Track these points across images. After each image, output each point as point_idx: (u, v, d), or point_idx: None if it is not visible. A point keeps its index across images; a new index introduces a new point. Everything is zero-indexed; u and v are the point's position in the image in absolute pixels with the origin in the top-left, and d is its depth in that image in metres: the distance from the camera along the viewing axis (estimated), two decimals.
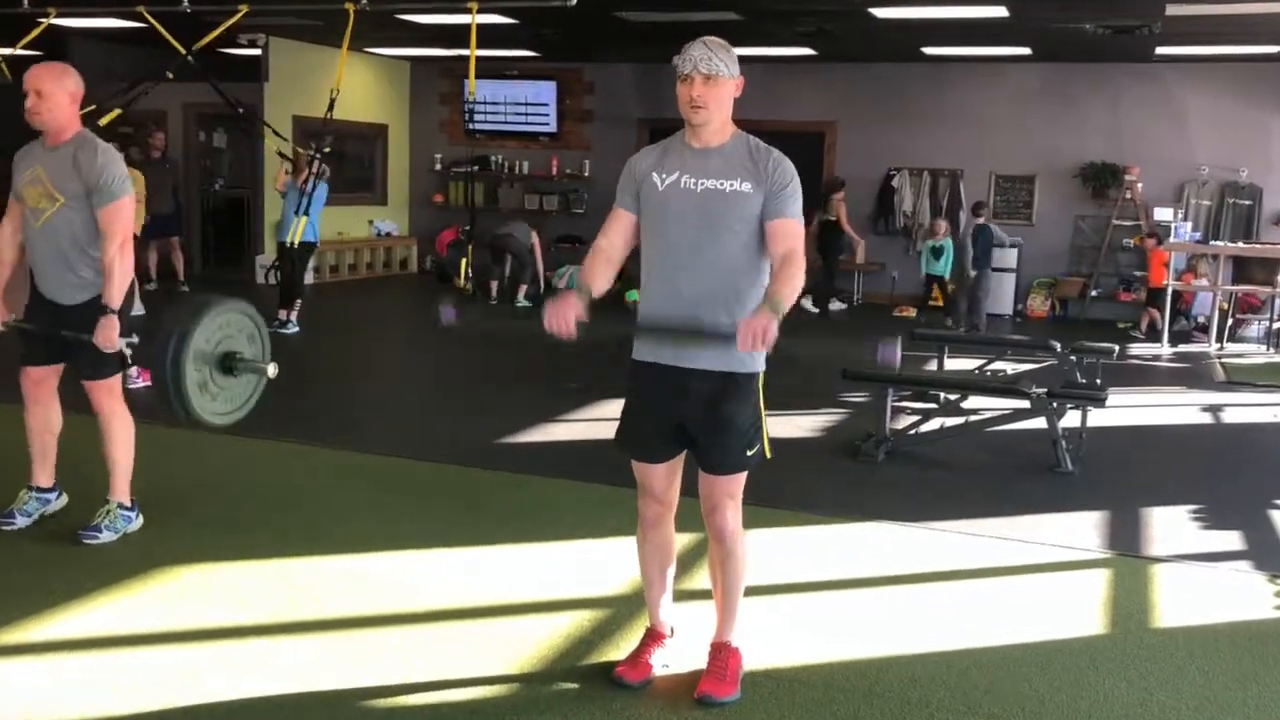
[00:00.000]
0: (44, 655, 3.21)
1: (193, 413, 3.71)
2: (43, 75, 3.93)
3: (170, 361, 3.59)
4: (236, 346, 3.84)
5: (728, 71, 2.88)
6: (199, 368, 3.69)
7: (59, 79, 3.95)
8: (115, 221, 3.93)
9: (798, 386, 7.62)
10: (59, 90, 3.94)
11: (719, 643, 3.15)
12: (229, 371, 3.81)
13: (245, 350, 3.87)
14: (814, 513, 4.85)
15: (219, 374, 3.79)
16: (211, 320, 3.74)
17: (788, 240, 2.86)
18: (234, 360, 3.81)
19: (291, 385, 7.46)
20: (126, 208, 3.95)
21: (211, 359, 3.75)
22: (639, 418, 3.03)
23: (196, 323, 3.68)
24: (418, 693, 3.06)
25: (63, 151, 3.95)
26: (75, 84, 4.00)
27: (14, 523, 4.22)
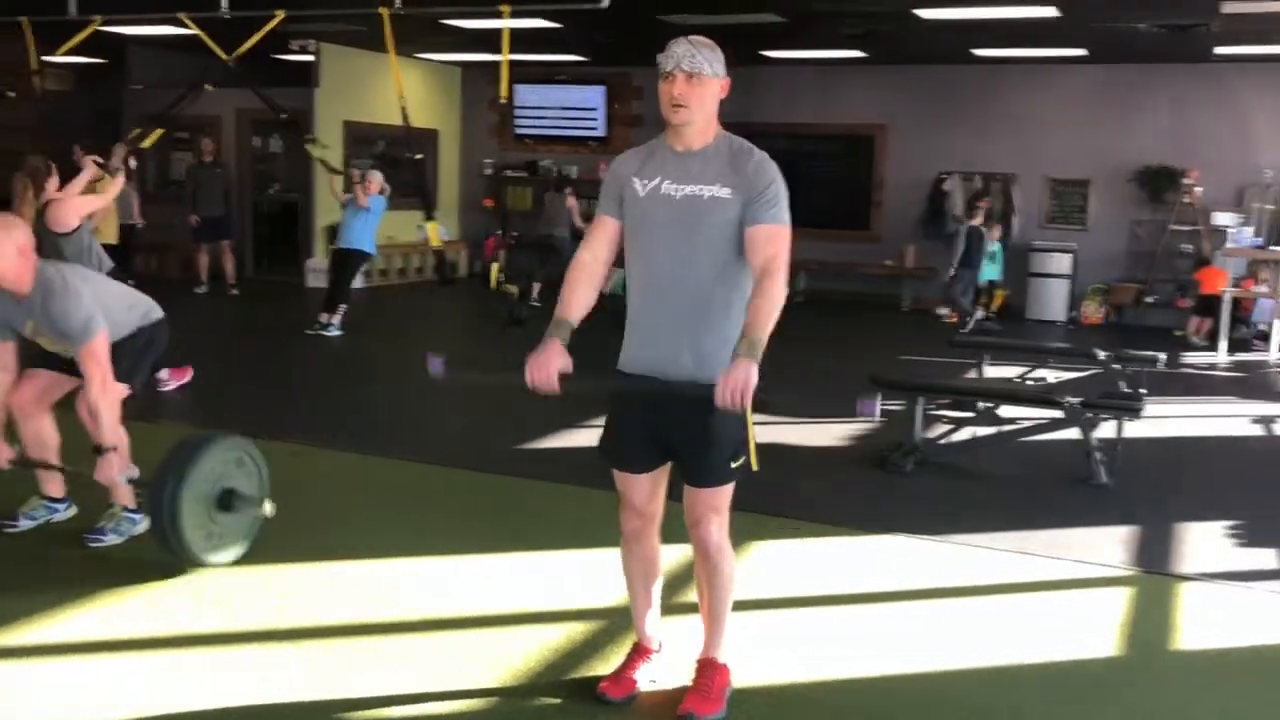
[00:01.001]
0: (38, 657, 3.22)
1: (196, 560, 3.77)
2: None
3: (169, 514, 3.65)
4: (233, 483, 3.88)
5: (711, 70, 2.79)
6: (198, 513, 3.74)
7: (7, 231, 3.80)
8: (90, 363, 3.87)
9: (828, 394, 7.50)
10: (7, 243, 3.79)
11: (705, 659, 3.06)
12: (228, 509, 3.85)
13: (243, 487, 3.91)
14: (832, 524, 4.74)
15: (218, 513, 3.84)
16: (206, 463, 3.78)
17: (765, 249, 2.75)
18: (232, 498, 3.85)
19: (319, 388, 7.56)
20: (99, 345, 3.89)
21: (209, 498, 3.79)
22: (621, 428, 2.96)
23: (192, 464, 3.73)
24: (395, 705, 3.01)
25: (34, 301, 3.88)
26: (21, 236, 3.86)
27: (16, 525, 4.27)
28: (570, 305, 2.89)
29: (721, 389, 2.58)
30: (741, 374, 2.58)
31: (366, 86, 13.54)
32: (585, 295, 2.92)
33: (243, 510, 3.92)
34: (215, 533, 3.85)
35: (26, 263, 3.86)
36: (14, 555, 4.05)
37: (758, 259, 2.76)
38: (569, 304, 2.89)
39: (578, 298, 2.91)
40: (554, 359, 2.77)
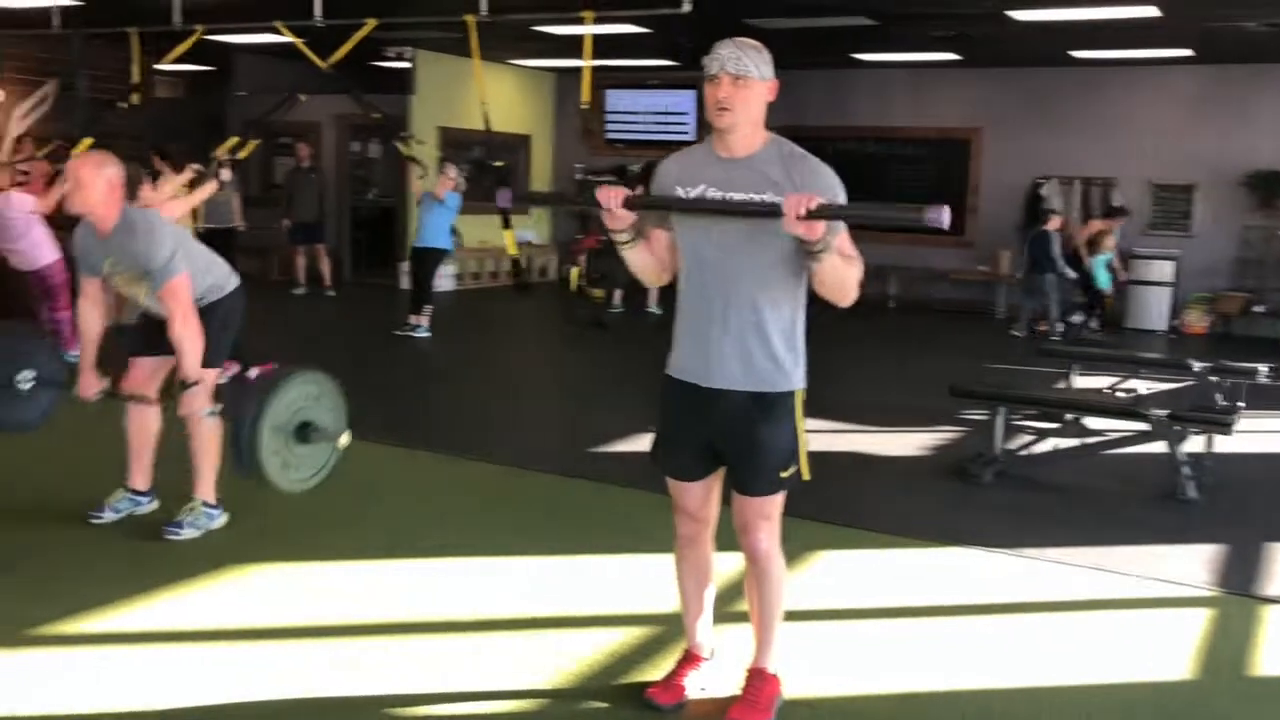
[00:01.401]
0: (102, 645, 3.33)
1: (269, 480, 3.85)
2: (81, 164, 4.00)
3: (249, 438, 3.73)
4: (313, 416, 3.96)
5: (758, 73, 2.74)
6: (276, 439, 3.82)
7: (97, 168, 3.98)
8: (172, 300, 4.01)
9: (907, 402, 7.39)
10: (96, 180, 3.96)
11: (755, 668, 3.03)
12: (305, 441, 3.93)
13: (322, 419, 3.99)
14: (901, 535, 4.66)
15: (295, 443, 3.91)
16: (287, 391, 3.86)
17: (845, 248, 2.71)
18: (310, 430, 3.93)
19: (403, 389, 7.69)
20: (179, 284, 4.02)
21: (288, 430, 3.87)
22: (671, 435, 2.94)
23: (274, 395, 3.81)
24: (444, 703, 3.05)
25: (113, 240, 4.04)
26: (112, 171, 4.03)
27: (101, 517, 4.41)
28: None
29: (787, 201, 2.51)
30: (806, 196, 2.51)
31: (462, 92, 13.73)
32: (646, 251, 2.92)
33: (319, 442, 3.97)
34: (291, 462, 3.90)
35: (114, 199, 4.01)
36: (94, 545, 4.19)
37: None
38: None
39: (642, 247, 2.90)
40: (623, 190, 2.77)
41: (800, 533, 4.56)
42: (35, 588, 3.74)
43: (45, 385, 4.40)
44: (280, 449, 3.84)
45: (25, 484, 4.98)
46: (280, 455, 3.84)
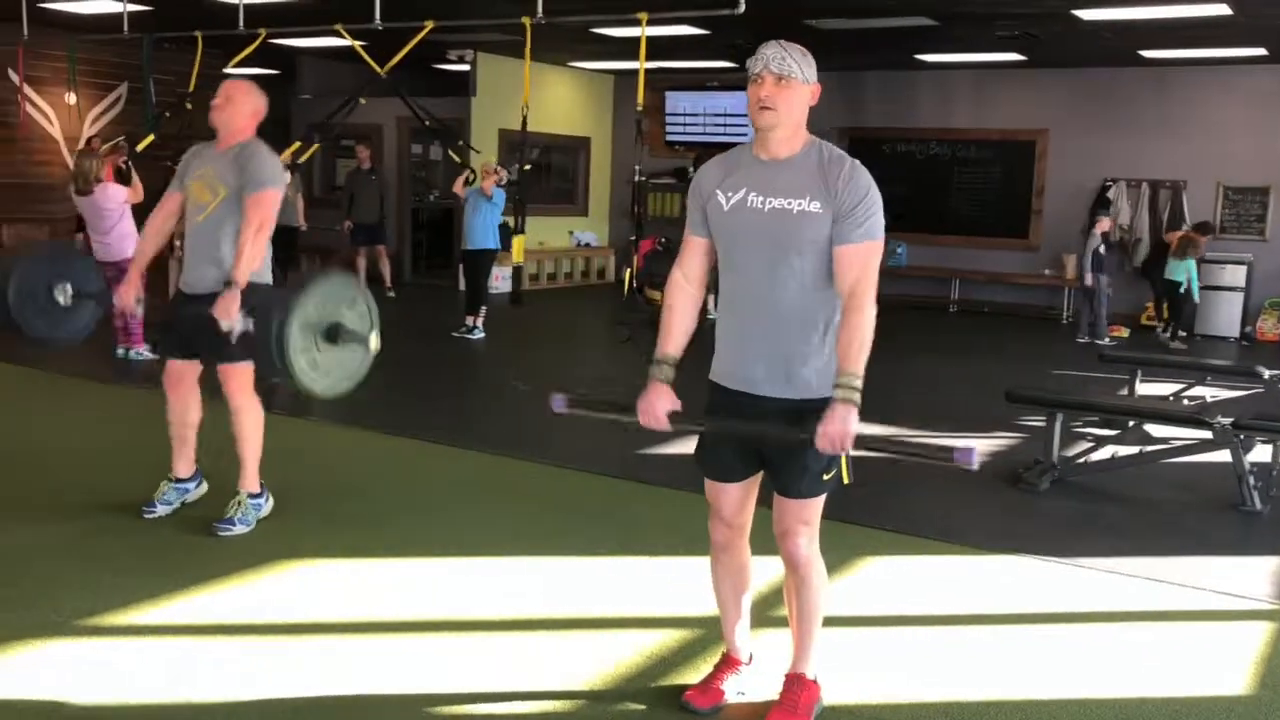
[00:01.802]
0: (144, 638, 3.39)
1: (297, 380, 3.80)
2: (237, 85, 4.27)
3: (276, 330, 3.70)
4: (344, 318, 3.93)
5: (802, 75, 2.71)
6: (305, 337, 3.79)
7: (249, 93, 4.29)
8: (256, 207, 4.13)
9: (965, 408, 7.28)
10: (246, 101, 4.24)
11: (793, 674, 2.99)
12: (334, 342, 3.90)
13: (351, 323, 3.96)
14: (951, 542, 4.58)
15: (325, 344, 3.88)
16: (318, 292, 3.83)
17: (851, 272, 2.66)
18: (339, 331, 3.90)
19: (452, 389, 7.74)
20: (270, 199, 4.15)
21: (317, 329, 3.84)
22: (714, 437, 2.91)
23: (304, 294, 3.78)
24: (483, 701, 3.05)
25: (228, 154, 4.21)
26: (260, 103, 4.31)
27: (154, 511, 4.49)
28: (669, 338, 2.88)
29: (821, 439, 2.57)
30: (841, 422, 2.57)
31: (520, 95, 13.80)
32: (683, 323, 2.90)
33: (349, 345, 3.94)
34: (319, 363, 3.89)
35: (249, 126, 4.26)
36: (150, 542, 4.26)
37: (844, 283, 2.67)
38: (668, 337, 2.88)
39: (676, 327, 2.89)
40: (660, 402, 2.82)
41: (850, 538, 4.54)
42: (84, 580, 3.81)
43: (83, 298, 4.45)
44: (309, 348, 3.80)
45: (81, 477, 5.08)
46: (309, 354, 3.80)
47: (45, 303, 4.36)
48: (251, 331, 4.05)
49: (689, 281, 2.91)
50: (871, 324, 2.66)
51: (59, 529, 4.32)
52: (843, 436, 2.57)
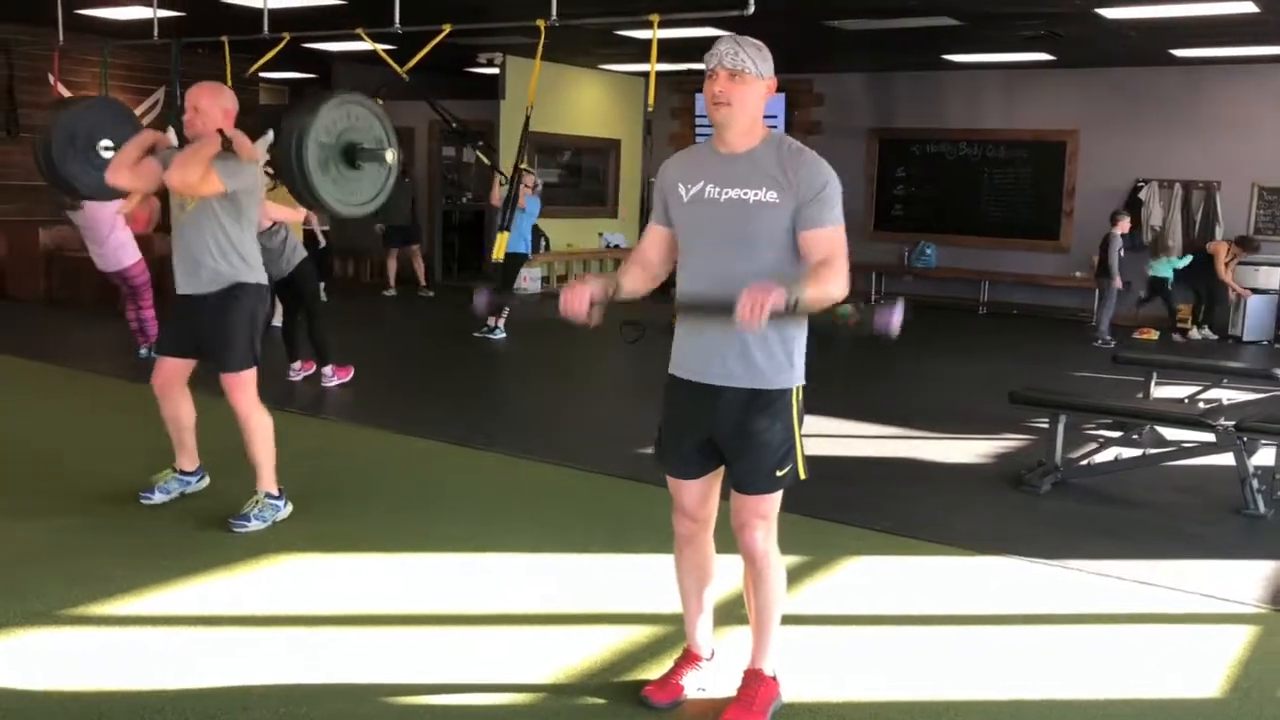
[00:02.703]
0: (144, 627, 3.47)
1: (321, 200, 3.83)
2: (201, 91, 4.22)
3: (295, 156, 3.72)
4: (358, 138, 3.94)
5: (755, 70, 2.74)
6: (322, 156, 3.81)
7: (215, 95, 4.23)
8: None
9: (977, 409, 7.24)
10: (214, 106, 4.20)
11: (751, 670, 3.01)
12: (353, 163, 3.92)
13: (367, 141, 3.96)
14: (945, 543, 4.56)
15: (344, 166, 3.89)
16: (330, 112, 3.84)
17: (824, 250, 2.68)
18: (356, 150, 3.91)
19: (469, 389, 7.81)
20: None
21: (335, 150, 3.86)
22: (672, 432, 2.94)
23: (315, 114, 3.80)
24: (445, 693, 3.10)
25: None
26: (229, 101, 4.26)
27: (151, 498, 4.58)
28: (623, 273, 2.93)
29: (742, 302, 2.49)
30: (765, 289, 2.49)
31: (551, 97, 13.91)
32: (638, 276, 2.93)
33: (367, 162, 3.95)
34: (344, 183, 3.92)
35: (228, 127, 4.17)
36: (168, 536, 4.33)
37: (814, 261, 2.69)
38: (622, 272, 2.94)
39: (630, 274, 2.93)
40: (590, 289, 2.79)
41: (839, 537, 4.55)
42: (85, 568, 3.90)
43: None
44: (332, 173, 3.83)
45: (82, 466, 5.20)
46: (332, 177, 3.83)
47: (86, 151, 4.43)
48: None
49: (644, 266, 2.95)
50: (836, 287, 2.63)
51: (63, 520, 4.42)
52: (762, 299, 2.48)
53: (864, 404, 7.43)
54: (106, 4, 10.47)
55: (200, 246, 4.25)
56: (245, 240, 4.27)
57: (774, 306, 2.49)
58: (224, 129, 4.10)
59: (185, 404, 4.56)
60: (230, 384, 4.39)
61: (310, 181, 3.71)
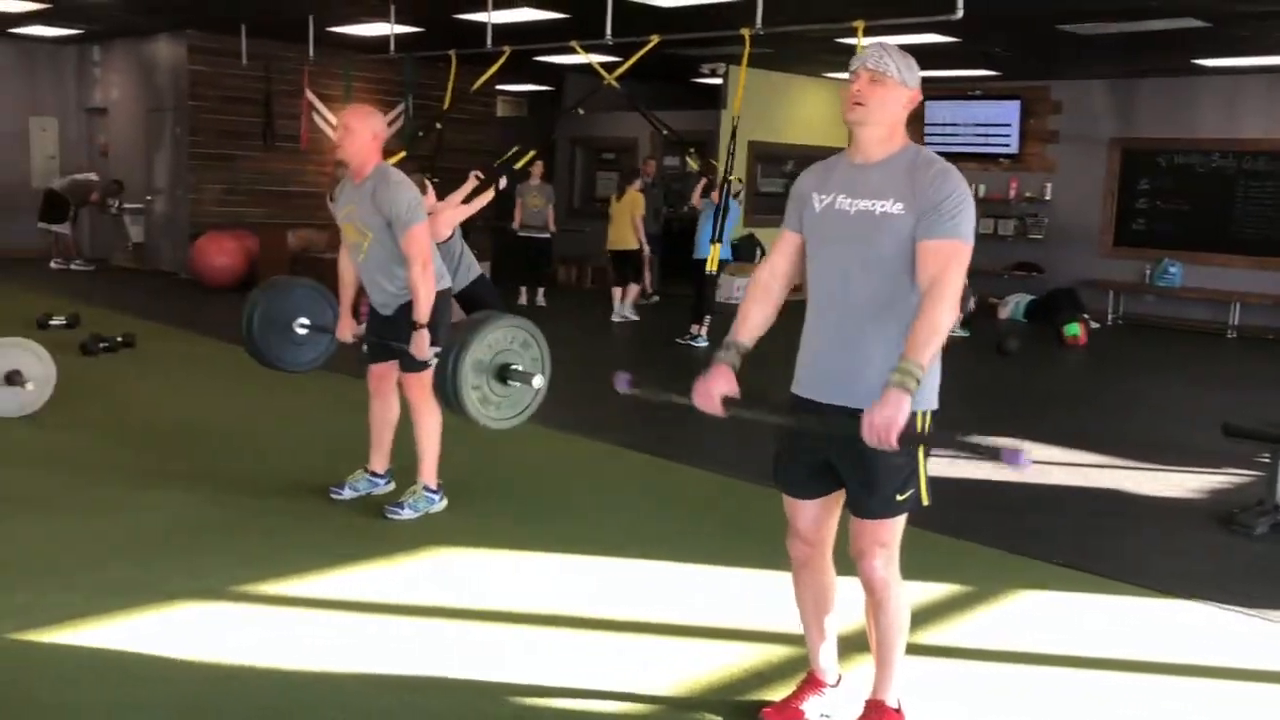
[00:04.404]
0: (299, 608, 3.67)
1: (469, 415, 4.05)
2: (353, 113, 4.39)
3: (451, 370, 3.97)
4: (514, 359, 4.15)
5: (898, 75, 2.62)
6: (476, 375, 4.03)
7: (366, 118, 4.37)
8: (413, 247, 4.35)
9: (1199, 441, 6.69)
10: (364, 128, 4.35)
11: (873, 700, 2.88)
12: (504, 381, 4.12)
13: (522, 363, 4.17)
14: (1132, 582, 4.22)
15: (495, 383, 4.11)
16: (490, 334, 4.07)
17: (932, 265, 2.53)
18: (509, 371, 4.12)
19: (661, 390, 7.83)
20: (418, 234, 4.35)
21: (489, 368, 4.08)
22: (789, 451, 2.85)
23: (475, 336, 4.03)
24: (564, 697, 3.11)
25: (364, 187, 4.40)
26: (379, 125, 4.42)
27: (341, 494, 4.84)
28: (742, 325, 2.85)
29: (867, 425, 2.44)
30: (888, 409, 2.42)
31: (773, 107, 13.87)
32: (759, 314, 2.85)
33: (517, 383, 4.14)
34: (490, 399, 4.11)
35: (374, 150, 4.39)
36: (330, 520, 4.60)
37: (924, 276, 2.55)
38: (741, 324, 2.85)
39: (751, 317, 2.85)
40: (717, 384, 2.77)
41: (1011, 568, 4.32)
42: (259, 550, 4.17)
43: (317, 331, 4.91)
44: (480, 385, 4.04)
45: (282, 460, 5.54)
46: (480, 390, 4.04)
47: (285, 332, 4.86)
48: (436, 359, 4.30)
49: (773, 277, 2.86)
50: (946, 321, 2.51)
51: (251, 503, 4.74)
52: (887, 426, 2.41)
53: (1070, 429, 7.01)
54: (353, 21, 11.18)
55: (387, 277, 4.51)
56: None
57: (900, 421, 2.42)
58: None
59: (394, 401, 4.81)
60: (408, 381, 4.62)
61: (459, 387, 3.97)
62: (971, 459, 2.60)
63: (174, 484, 4.97)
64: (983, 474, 5.55)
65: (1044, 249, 13.56)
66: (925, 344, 2.49)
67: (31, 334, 6.84)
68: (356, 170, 4.43)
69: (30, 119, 14.99)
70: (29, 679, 3.05)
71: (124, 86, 14.33)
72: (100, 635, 3.35)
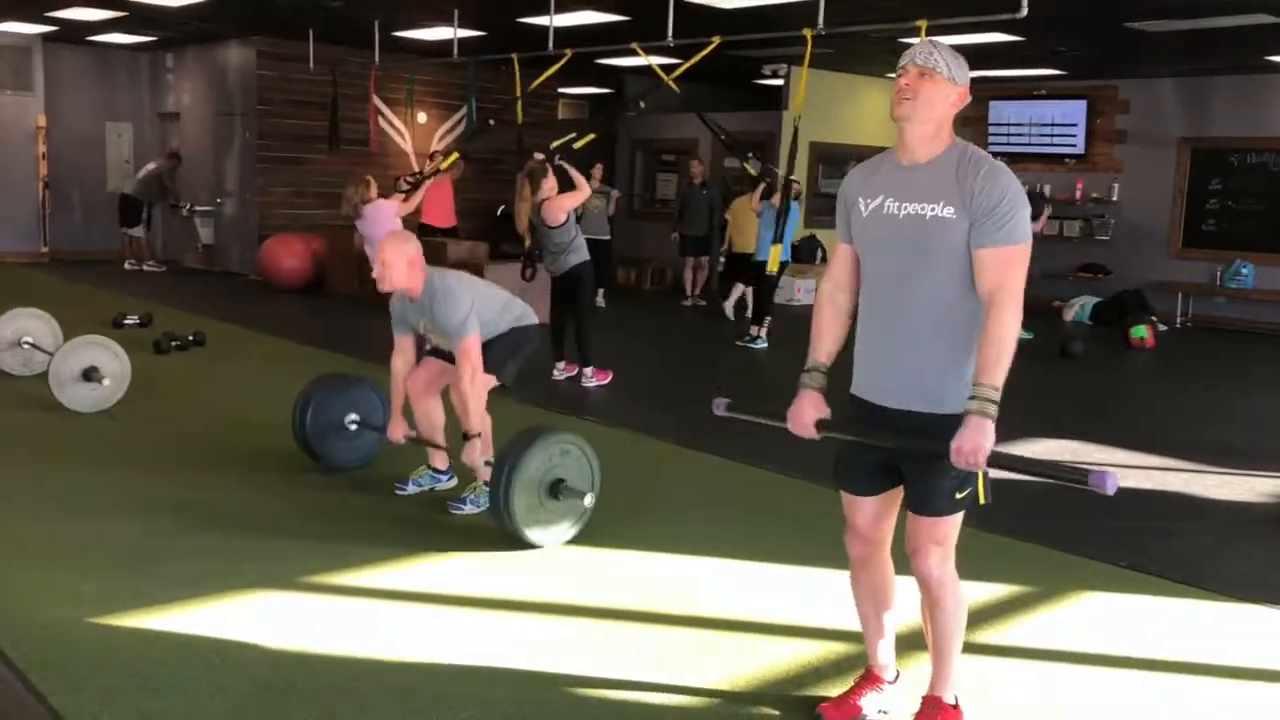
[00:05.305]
0: (378, 598, 3.75)
1: (523, 538, 4.18)
2: (384, 246, 4.48)
3: (504, 491, 4.09)
4: (564, 474, 4.23)
5: (947, 72, 2.61)
6: (529, 496, 4.14)
7: (398, 247, 4.48)
8: (462, 358, 4.50)
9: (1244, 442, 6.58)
10: (399, 258, 4.45)
11: (930, 697, 2.88)
12: (555, 496, 4.20)
13: (571, 476, 4.25)
14: (1201, 587, 4.16)
15: (547, 498, 4.20)
16: (540, 451, 4.15)
17: (991, 276, 2.53)
18: (559, 487, 4.20)
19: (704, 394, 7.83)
20: (470, 345, 4.48)
21: (540, 486, 4.17)
22: (850, 448, 2.86)
23: (525, 454, 4.11)
24: (619, 689, 3.15)
25: (423, 305, 4.54)
26: (412, 249, 4.51)
27: (405, 489, 4.93)
28: (819, 346, 2.87)
29: (955, 454, 2.48)
30: (974, 437, 2.47)
31: (834, 107, 13.82)
32: (832, 331, 2.87)
33: (568, 499, 4.24)
34: (543, 517, 4.22)
35: (416, 272, 4.52)
36: (395, 512, 4.69)
37: (983, 289, 2.55)
38: (818, 344, 2.87)
39: (825, 336, 2.87)
40: (808, 410, 2.81)
41: (1072, 569, 4.29)
42: (325, 542, 4.26)
43: (366, 428, 5.07)
44: (533, 504, 4.15)
45: None
46: (533, 510, 4.16)
47: (335, 427, 5.00)
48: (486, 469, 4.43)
49: (837, 289, 2.87)
50: (1013, 332, 2.53)
51: (318, 496, 4.85)
52: (976, 451, 2.46)
53: (1135, 432, 6.91)
54: (417, 26, 11.34)
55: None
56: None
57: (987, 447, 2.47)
58: None
59: (436, 406, 4.92)
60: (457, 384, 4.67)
61: (510, 501, 4.07)
62: (1058, 482, 2.59)
63: (243, 477, 5.09)
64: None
65: (1111, 250, 13.35)
66: (995, 364, 2.50)
67: (106, 333, 7.03)
68: (409, 293, 4.55)
69: (107, 124, 15.40)
70: (104, 662, 3.16)
71: (195, 92, 14.67)
72: (172, 621, 3.45)
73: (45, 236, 14.73)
